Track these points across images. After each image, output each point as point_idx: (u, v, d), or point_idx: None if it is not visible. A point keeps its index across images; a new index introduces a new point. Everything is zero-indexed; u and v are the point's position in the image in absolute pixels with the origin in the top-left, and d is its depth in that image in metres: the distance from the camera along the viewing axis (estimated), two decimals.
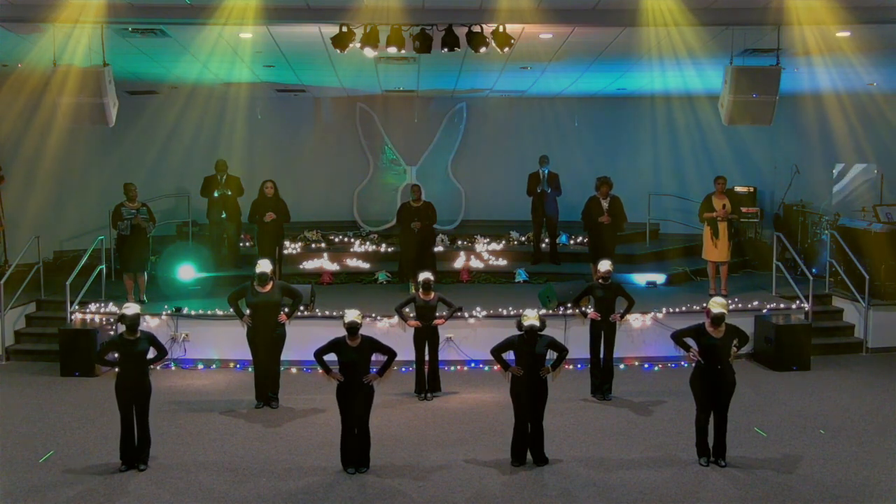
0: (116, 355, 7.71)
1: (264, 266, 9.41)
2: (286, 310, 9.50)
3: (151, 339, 7.83)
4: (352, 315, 7.66)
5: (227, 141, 15.64)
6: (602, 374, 9.79)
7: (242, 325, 9.56)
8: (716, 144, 15.58)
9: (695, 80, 13.28)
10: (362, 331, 7.82)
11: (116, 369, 7.77)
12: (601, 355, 9.76)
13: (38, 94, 13.28)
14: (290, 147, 16.65)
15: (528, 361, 7.70)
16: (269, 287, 9.37)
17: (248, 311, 9.42)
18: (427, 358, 9.85)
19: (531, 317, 7.68)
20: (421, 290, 9.71)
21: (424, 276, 9.75)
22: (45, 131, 14.15)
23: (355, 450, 7.64)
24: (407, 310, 9.79)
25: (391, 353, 7.83)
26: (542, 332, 7.82)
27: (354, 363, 7.60)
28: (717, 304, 7.70)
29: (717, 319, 7.65)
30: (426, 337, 9.77)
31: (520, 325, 7.82)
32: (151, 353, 7.85)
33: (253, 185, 13.13)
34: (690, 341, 7.83)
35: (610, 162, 15.86)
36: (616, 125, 16.83)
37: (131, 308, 7.80)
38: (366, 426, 7.68)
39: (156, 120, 15.75)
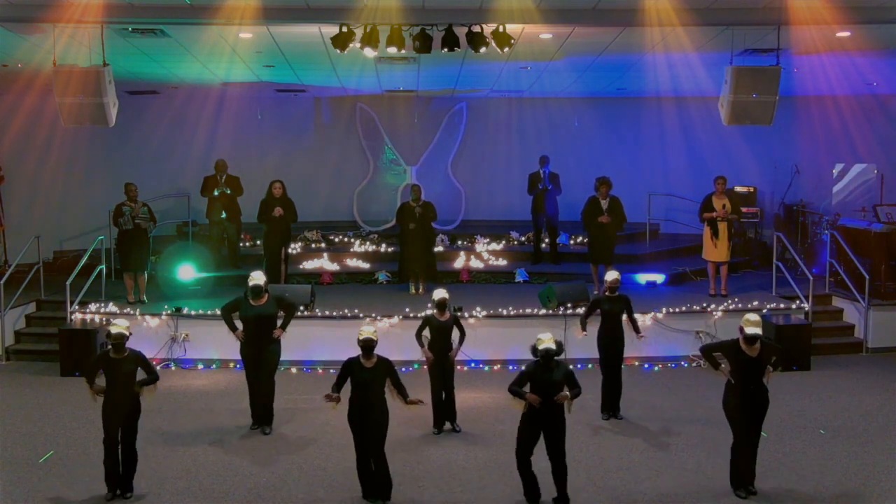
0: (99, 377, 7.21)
1: (258, 278, 8.73)
2: (280, 323, 8.89)
3: (140, 360, 7.26)
4: (368, 331, 7.06)
5: (227, 141, 15.67)
6: (610, 394, 9.25)
7: (237, 339, 8.86)
8: (716, 144, 15.58)
9: (694, 80, 13.28)
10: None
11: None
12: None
13: (39, 94, 13.29)
14: (290, 147, 16.65)
15: (545, 390, 6.88)
16: (263, 300, 8.76)
17: (240, 326, 8.80)
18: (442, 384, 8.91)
19: (546, 340, 6.92)
20: (436, 310, 8.82)
21: (440, 295, 8.80)
22: (45, 131, 14.19)
23: (374, 480, 7.08)
24: (426, 332, 8.87)
25: (403, 392, 7.19)
26: (560, 359, 7.00)
27: (368, 384, 6.99)
28: (751, 324, 7.04)
29: (752, 339, 7.04)
30: (441, 364, 8.83)
31: (534, 351, 7.00)
32: (142, 373, 7.31)
33: (252, 185, 13.14)
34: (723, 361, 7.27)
35: (610, 162, 15.86)
36: (616, 125, 16.82)
37: (116, 327, 7.13)
38: (382, 454, 7.06)
39: (156, 120, 15.77)
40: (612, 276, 9.25)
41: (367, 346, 7.02)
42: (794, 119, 15.40)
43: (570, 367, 7.14)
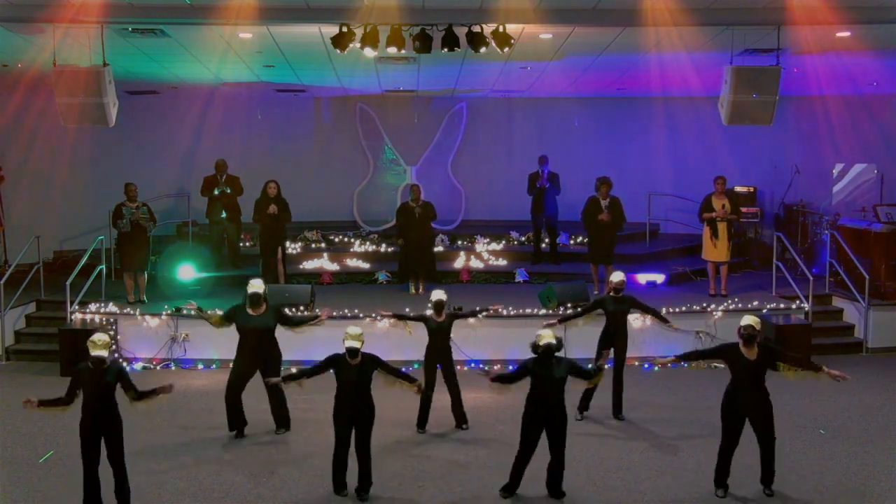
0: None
1: (257, 286, 8.41)
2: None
3: (120, 374, 6.77)
4: (352, 338, 7.04)
5: (227, 141, 15.67)
6: (613, 395, 9.21)
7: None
8: (716, 144, 15.58)
9: (694, 80, 13.28)
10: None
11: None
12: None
13: (39, 94, 13.30)
14: (290, 147, 16.65)
15: (546, 386, 6.91)
16: (262, 310, 8.44)
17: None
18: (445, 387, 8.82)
19: (546, 336, 6.90)
20: (433, 311, 8.69)
21: (437, 296, 8.64)
22: (45, 131, 14.19)
23: (356, 473, 7.16)
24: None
25: (404, 377, 7.25)
26: (560, 355, 7.02)
27: (355, 382, 7.03)
28: (746, 318, 7.02)
29: (749, 336, 6.93)
30: (439, 361, 8.75)
31: (535, 347, 6.96)
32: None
33: (253, 184, 13.15)
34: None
35: (610, 162, 15.85)
36: (616, 125, 16.82)
37: (95, 347, 6.59)
38: (367, 451, 7.14)
39: (156, 120, 15.78)
40: (617, 277, 9.22)
41: (352, 351, 7.04)
42: (793, 119, 15.41)
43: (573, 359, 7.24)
